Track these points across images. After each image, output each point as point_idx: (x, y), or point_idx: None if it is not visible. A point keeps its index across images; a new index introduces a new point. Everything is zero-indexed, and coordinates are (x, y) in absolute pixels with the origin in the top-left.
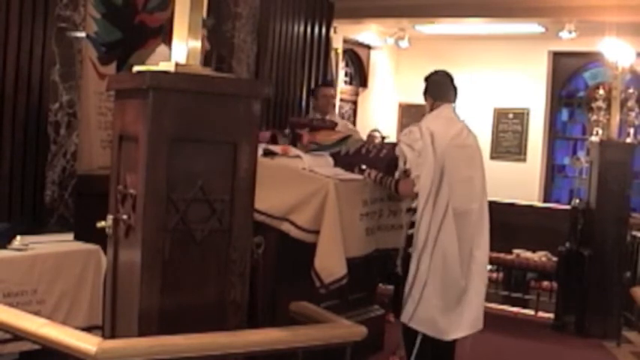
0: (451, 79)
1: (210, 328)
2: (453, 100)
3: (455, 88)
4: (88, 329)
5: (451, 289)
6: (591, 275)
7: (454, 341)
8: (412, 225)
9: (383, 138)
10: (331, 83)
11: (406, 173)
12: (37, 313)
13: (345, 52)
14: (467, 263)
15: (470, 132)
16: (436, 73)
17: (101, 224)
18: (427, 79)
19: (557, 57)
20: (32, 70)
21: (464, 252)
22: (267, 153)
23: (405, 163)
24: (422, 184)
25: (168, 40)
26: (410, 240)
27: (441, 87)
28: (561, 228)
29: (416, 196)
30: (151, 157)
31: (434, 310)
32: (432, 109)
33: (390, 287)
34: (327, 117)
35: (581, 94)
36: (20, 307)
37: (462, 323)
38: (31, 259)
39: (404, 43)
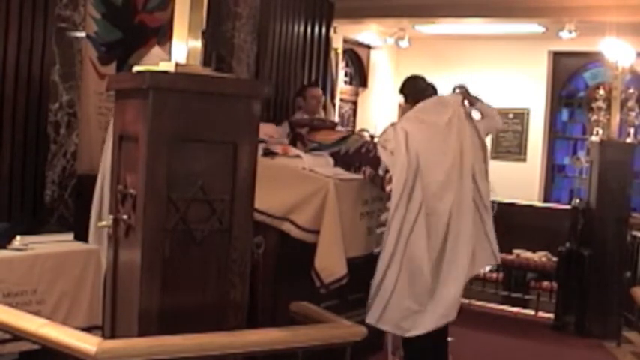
0: (422, 78)
1: (210, 328)
2: (430, 93)
3: (431, 85)
4: (88, 329)
5: (421, 289)
6: (591, 275)
7: (446, 339)
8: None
9: (372, 137)
10: (318, 83)
11: (387, 172)
12: (37, 313)
13: (345, 52)
14: (437, 264)
15: (458, 132)
16: (407, 79)
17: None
18: (401, 90)
19: (557, 57)
20: (32, 70)
21: (433, 252)
22: (267, 153)
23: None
24: (394, 184)
25: (163, 42)
26: None
27: (415, 86)
28: (561, 228)
29: (389, 197)
30: (151, 157)
31: (405, 311)
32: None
33: None
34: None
35: (581, 94)
36: (20, 307)
37: (424, 321)
38: (31, 259)
39: (404, 43)
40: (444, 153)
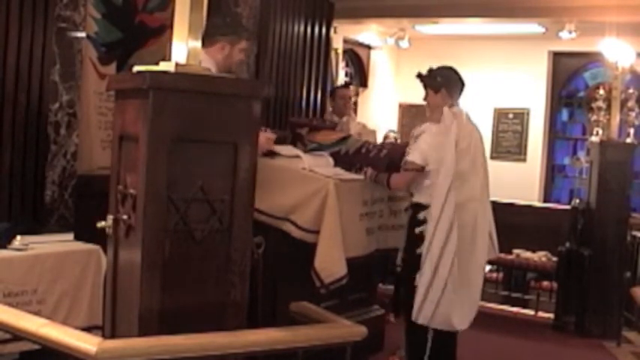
0: (462, 79)
1: (210, 328)
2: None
3: (463, 86)
4: (88, 329)
5: (463, 284)
6: (591, 275)
7: (456, 337)
8: (418, 223)
9: (395, 139)
10: (349, 85)
11: (404, 167)
12: (37, 313)
13: (345, 52)
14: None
15: (474, 129)
16: (451, 69)
17: (101, 224)
18: (444, 74)
19: (557, 57)
20: (32, 70)
21: (466, 245)
22: (268, 153)
23: (412, 155)
24: (440, 182)
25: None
26: (413, 239)
27: (457, 86)
28: (561, 228)
29: (410, 193)
30: (151, 157)
31: (453, 306)
32: (442, 105)
33: (390, 287)
34: (344, 119)
35: (581, 94)
36: (20, 307)
37: (468, 314)
38: (31, 259)
39: (404, 43)
40: (471, 149)
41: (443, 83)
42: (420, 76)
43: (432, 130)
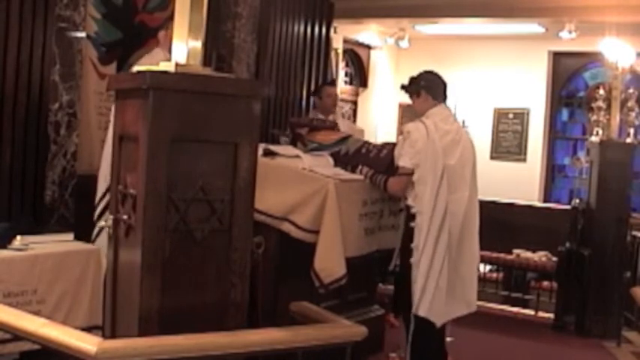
0: (442, 79)
1: (210, 328)
2: (446, 100)
3: (446, 89)
4: (88, 329)
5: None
6: (591, 275)
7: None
8: (411, 218)
9: None
10: (334, 82)
11: (398, 173)
12: (37, 313)
13: (345, 52)
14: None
15: (461, 128)
16: (429, 72)
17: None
18: (421, 77)
19: (557, 57)
20: (32, 70)
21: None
22: (267, 153)
23: (403, 160)
24: (425, 181)
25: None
26: (408, 239)
27: (438, 86)
28: (561, 228)
29: (405, 196)
30: (151, 157)
31: (443, 296)
32: (427, 108)
33: (390, 287)
34: (330, 117)
35: (581, 94)
36: (20, 307)
37: (454, 309)
38: (31, 259)
39: (404, 43)
40: (459, 148)
41: (422, 86)
42: (402, 87)
43: (412, 132)
